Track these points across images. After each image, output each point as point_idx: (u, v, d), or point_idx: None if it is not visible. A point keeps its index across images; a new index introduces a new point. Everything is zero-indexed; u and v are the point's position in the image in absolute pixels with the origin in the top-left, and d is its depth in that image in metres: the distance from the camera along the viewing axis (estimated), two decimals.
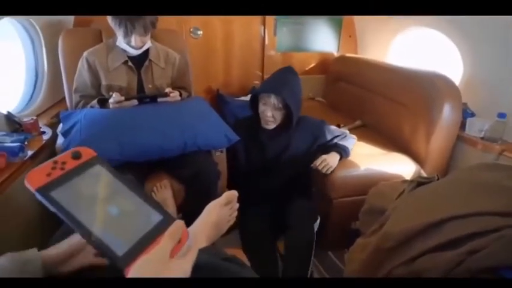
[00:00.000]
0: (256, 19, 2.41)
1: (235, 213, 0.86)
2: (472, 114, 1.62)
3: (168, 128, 1.31)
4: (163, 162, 1.35)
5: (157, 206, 0.47)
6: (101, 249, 0.41)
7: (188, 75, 1.77)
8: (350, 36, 2.60)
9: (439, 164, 1.61)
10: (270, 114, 1.43)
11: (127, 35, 1.41)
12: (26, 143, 1.24)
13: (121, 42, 1.47)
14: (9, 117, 1.34)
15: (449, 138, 1.59)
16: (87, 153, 0.48)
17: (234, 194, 0.84)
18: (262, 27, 2.43)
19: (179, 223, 0.45)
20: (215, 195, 1.37)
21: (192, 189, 1.36)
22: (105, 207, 0.44)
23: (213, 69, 2.43)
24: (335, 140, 1.55)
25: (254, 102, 1.50)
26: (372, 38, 2.48)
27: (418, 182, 0.97)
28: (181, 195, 1.39)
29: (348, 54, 2.51)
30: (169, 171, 1.40)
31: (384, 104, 1.91)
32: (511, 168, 0.83)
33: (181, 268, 0.43)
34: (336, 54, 2.62)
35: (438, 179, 0.97)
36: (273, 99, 1.40)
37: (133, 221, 0.45)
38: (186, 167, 1.34)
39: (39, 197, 0.41)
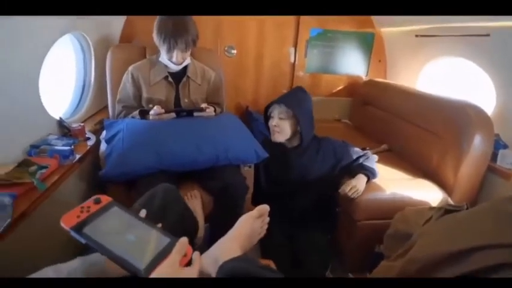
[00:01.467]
0: (288, 41, 2.51)
1: (266, 226, 0.90)
2: (505, 146, 1.60)
3: (202, 141, 1.39)
4: (195, 173, 1.43)
5: (165, 232, 0.63)
6: (126, 267, 0.55)
7: (222, 92, 1.86)
8: (380, 61, 2.64)
9: (467, 194, 1.58)
10: (275, 124, 1.51)
11: (169, 50, 1.52)
12: (73, 146, 1.36)
13: (163, 57, 1.59)
14: (61, 123, 1.48)
15: (479, 168, 1.56)
16: (105, 199, 0.65)
17: (266, 208, 0.88)
18: (293, 49, 2.53)
19: (183, 241, 0.59)
20: (242, 208, 1.44)
21: (220, 201, 1.42)
22: (124, 236, 0.59)
23: (243, 86, 2.54)
24: (360, 160, 1.57)
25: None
26: (402, 65, 2.50)
27: (446, 210, 0.98)
28: (210, 206, 1.45)
29: (377, 79, 2.55)
30: (200, 182, 1.47)
31: (411, 129, 1.91)
32: None
33: (189, 274, 0.57)
34: (364, 78, 2.66)
35: (467, 208, 0.97)
36: (277, 109, 1.50)
37: (148, 244, 0.60)
38: (216, 180, 1.40)
39: (73, 233, 0.56)
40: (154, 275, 0.53)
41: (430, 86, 2.22)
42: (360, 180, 1.49)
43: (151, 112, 1.49)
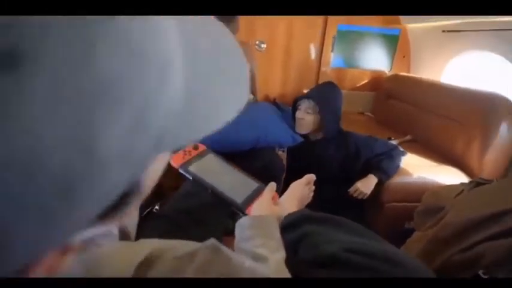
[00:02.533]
0: (316, 37, 2.61)
1: (312, 193, 1.00)
2: None
3: (243, 124, 1.51)
4: (235, 154, 1.55)
5: (255, 178, 0.74)
6: (225, 200, 0.66)
7: (256, 82, 1.98)
8: (404, 57, 2.70)
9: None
10: (301, 116, 1.58)
11: None
12: None
13: None
14: None
15: (505, 156, 1.63)
16: (202, 146, 0.76)
17: (312, 176, 0.98)
18: (320, 44, 2.63)
19: (272, 184, 0.71)
20: (279, 187, 1.55)
21: (260, 180, 1.54)
22: (223, 176, 0.70)
23: (271, 80, 2.65)
24: (381, 157, 1.57)
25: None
26: (426, 60, 2.56)
27: (477, 182, 1.07)
28: None
29: (401, 73, 2.62)
30: (241, 163, 1.59)
31: (435, 120, 1.99)
32: None
33: (280, 210, 0.67)
34: (388, 72, 2.73)
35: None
36: (305, 103, 1.57)
37: (243, 184, 0.71)
38: (256, 160, 1.52)
39: (181, 171, 0.67)
40: (253, 207, 0.64)
41: (456, 80, 2.28)
42: (368, 182, 1.52)
43: None
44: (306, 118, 1.59)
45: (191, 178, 0.67)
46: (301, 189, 0.95)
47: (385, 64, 2.73)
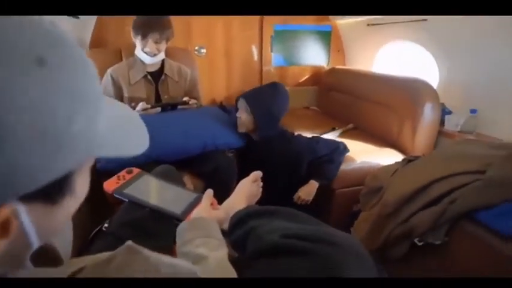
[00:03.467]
0: (254, 38, 2.66)
1: (261, 190, 1.02)
2: (449, 112, 1.86)
3: (190, 130, 1.49)
4: (185, 160, 1.52)
5: (192, 190, 0.77)
6: (164, 213, 0.67)
7: (198, 87, 1.96)
8: (338, 51, 2.87)
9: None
10: (238, 115, 1.59)
11: (143, 38, 1.59)
12: None
13: (139, 51, 1.65)
14: None
15: (432, 133, 1.81)
16: (136, 170, 0.78)
17: (259, 173, 1.00)
18: (259, 45, 2.68)
19: (209, 191, 0.73)
20: (232, 189, 1.55)
21: (212, 184, 1.52)
22: (160, 193, 0.72)
23: (216, 83, 2.65)
24: (322, 160, 1.59)
25: None
26: (357, 52, 2.75)
27: (408, 160, 1.17)
28: (201, 189, 1.54)
29: (337, 67, 2.77)
30: (191, 168, 1.56)
31: (372, 108, 2.14)
32: (479, 141, 1.03)
33: (219, 214, 0.69)
34: (326, 67, 2.88)
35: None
36: (240, 102, 1.59)
37: (181, 197, 0.72)
38: (206, 164, 1.51)
39: (116, 195, 0.68)
40: (191, 216, 0.63)
41: (384, 68, 2.48)
42: (309, 189, 1.56)
43: (138, 108, 1.56)
44: (242, 117, 1.58)
45: (127, 200, 0.68)
46: (249, 186, 0.96)
47: (323, 59, 2.87)
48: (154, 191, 0.72)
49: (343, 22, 2.72)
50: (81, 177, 0.35)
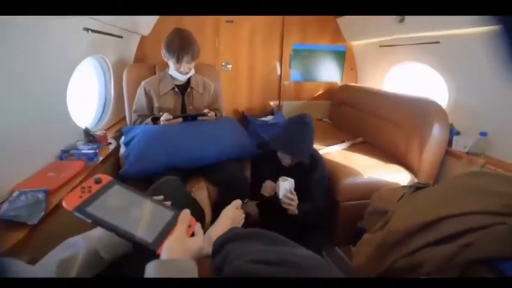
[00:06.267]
0: (275, 55, 2.49)
1: (243, 216, 0.86)
2: (458, 133, 1.59)
3: (206, 141, 1.36)
4: (201, 168, 1.40)
5: (168, 206, 0.54)
6: (135, 241, 0.47)
7: (221, 100, 1.83)
8: (351, 69, 2.63)
9: (430, 174, 1.57)
10: (284, 163, 1.37)
11: (178, 61, 1.48)
12: (97, 150, 1.32)
13: (172, 70, 1.55)
14: (86, 131, 1.44)
15: (439, 152, 1.56)
16: (106, 178, 0.54)
17: (239, 202, 0.84)
18: (279, 62, 2.51)
19: (185, 212, 0.54)
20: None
21: (224, 192, 1.39)
22: (130, 212, 0.51)
23: (239, 95, 2.51)
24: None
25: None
26: (369, 70, 2.49)
27: (416, 187, 0.96)
28: (215, 196, 1.42)
29: (350, 84, 2.53)
30: (206, 176, 1.44)
31: (381, 124, 1.90)
32: (497, 175, 0.81)
33: (196, 242, 0.52)
34: (339, 83, 2.65)
35: (433, 185, 0.95)
36: (281, 155, 1.35)
37: (153, 218, 0.52)
38: (219, 173, 1.37)
39: (76, 214, 0.47)
40: (165, 246, 0.48)
41: (394, 88, 2.21)
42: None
43: (162, 118, 1.45)
44: (293, 161, 1.35)
45: (90, 221, 0.48)
46: (232, 212, 0.82)
47: (337, 76, 2.64)
48: (123, 209, 0.51)
49: (357, 43, 2.48)
50: None
